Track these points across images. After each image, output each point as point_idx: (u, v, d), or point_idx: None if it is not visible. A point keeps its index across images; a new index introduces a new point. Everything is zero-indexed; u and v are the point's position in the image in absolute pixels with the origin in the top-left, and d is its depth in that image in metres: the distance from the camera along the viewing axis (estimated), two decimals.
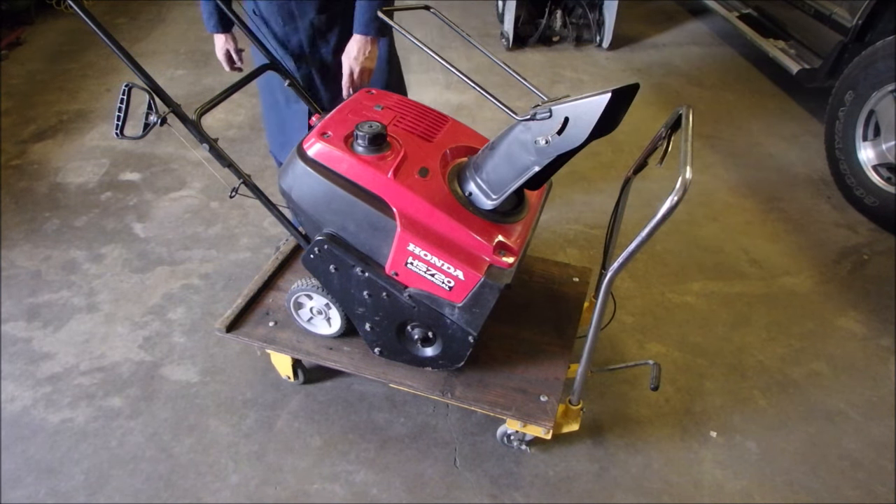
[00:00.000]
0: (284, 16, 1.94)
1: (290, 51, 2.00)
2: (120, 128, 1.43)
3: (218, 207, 2.82)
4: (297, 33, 1.97)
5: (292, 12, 1.93)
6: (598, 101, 1.25)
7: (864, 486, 1.81)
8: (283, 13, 1.93)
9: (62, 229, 2.67)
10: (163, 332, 2.22)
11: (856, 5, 2.94)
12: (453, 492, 1.76)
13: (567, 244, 2.65)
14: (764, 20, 3.79)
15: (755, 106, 3.78)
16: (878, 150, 2.79)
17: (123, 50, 1.42)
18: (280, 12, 1.93)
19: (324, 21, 1.95)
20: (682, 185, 1.21)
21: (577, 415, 1.71)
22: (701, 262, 2.59)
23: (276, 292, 1.98)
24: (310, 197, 1.54)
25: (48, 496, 1.73)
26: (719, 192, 3.01)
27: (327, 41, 2.00)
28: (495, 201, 1.50)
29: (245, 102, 3.59)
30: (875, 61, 2.75)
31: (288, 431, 1.91)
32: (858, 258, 2.64)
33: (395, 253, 1.50)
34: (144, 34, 4.48)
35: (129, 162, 3.10)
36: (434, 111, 1.73)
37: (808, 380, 2.12)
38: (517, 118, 1.36)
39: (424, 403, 1.98)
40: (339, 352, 1.81)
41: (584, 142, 1.31)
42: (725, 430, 1.95)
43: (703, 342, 2.24)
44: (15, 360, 2.11)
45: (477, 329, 1.55)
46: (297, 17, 1.94)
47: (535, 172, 1.41)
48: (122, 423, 1.92)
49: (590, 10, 4.37)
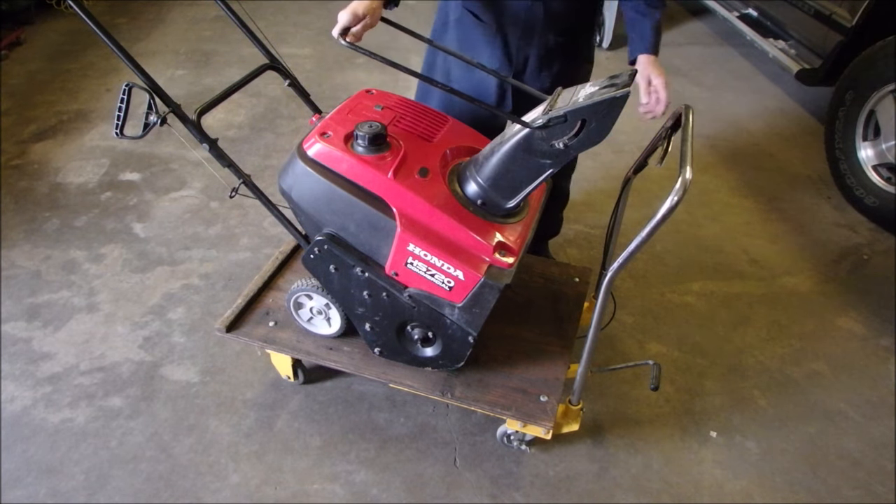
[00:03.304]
0: (523, 27, 1.78)
1: (513, 65, 1.84)
2: (120, 127, 1.42)
3: (218, 207, 2.82)
4: (531, 48, 1.82)
5: (533, 26, 1.77)
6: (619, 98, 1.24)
7: (864, 486, 1.81)
8: (521, 24, 1.78)
9: (62, 229, 2.67)
10: (163, 332, 2.22)
11: (856, 5, 2.94)
12: (453, 492, 1.76)
13: (567, 244, 2.65)
14: (764, 20, 3.79)
15: (755, 106, 3.78)
16: (878, 150, 2.79)
17: (123, 50, 1.41)
18: (518, 22, 1.78)
19: (560, 44, 1.82)
20: (683, 185, 1.21)
21: (577, 415, 1.71)
22: (701, 262, 2.59)
23: (276, 292, 1.98)
24: (310, 197, 1.54)
25: (48, 496, 1.73)
26: (719, 192, 3.01)
27: (551, 67, 1.86)
28: (511, 204, 1.49)
29: (245, 102, 3.59)
30: (875, 61, 2.75)
31: (288, 431, 1.91)
32: (858, 258, 2.64)
33: (395, 253, 1.50)
34: (144, 34, 4.48)
35: (129, 162, 3.10)
36: (434, 111, 1.73)
37: (808, 380, 2.12)
38: (532, 126, 1.35)
39: (424, 403, 1.98)
40: (339, 352, 1.81)
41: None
42: (725, 430, 1.95)
43: (703, 342, 2.24)
44: (15, 360, 2.11)
45: (477, 329, 1.55)
46: (535, 33, 1.79)
47: (552, 172, 1.41)
48: (122, 423, 1.92)
49: None
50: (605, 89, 1.27)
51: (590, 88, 1.33)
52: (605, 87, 1.29)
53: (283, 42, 4.34)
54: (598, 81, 1.34)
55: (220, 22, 4.61)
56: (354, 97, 1.70)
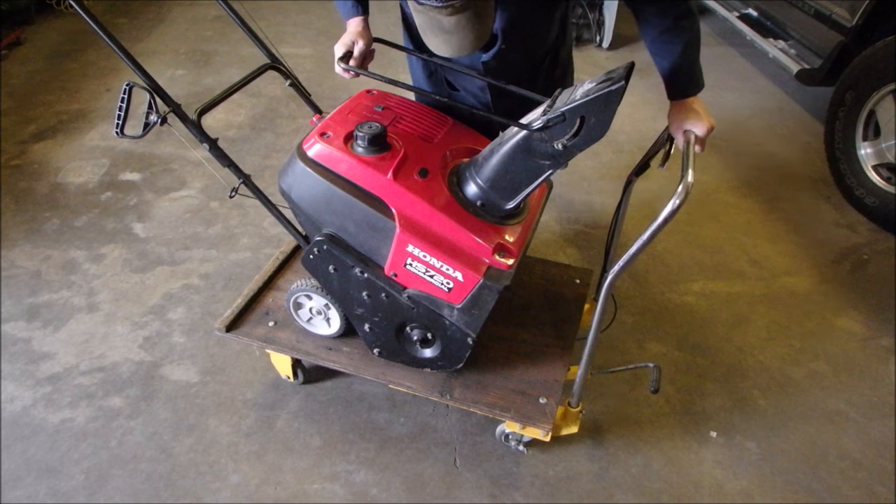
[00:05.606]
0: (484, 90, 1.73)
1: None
2: (120, 127, 1.42)
3: (218, 207, 2.82)
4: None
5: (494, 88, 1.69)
6: (615, 92, 1.24)
7: (864, 486, 1.81)
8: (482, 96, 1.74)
9: (62, 229, 2.67)
10: (163, 332, 2.22)
11: (856, 5, 2.94)
12: (453, 492, 1.76)
13: (567, 244, 2.65)
14: (764, 20, 3.79)
15: (755, 106, 3.78)
16: (877, 150, 2.79)
17: (124, 49, 1.41)
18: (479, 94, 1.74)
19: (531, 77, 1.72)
20: (684, 188, 1.21)
21: (576, 417, 1.71)
22: (701, 262, 2.59)
23: (276, 292, 1.98)
24: (309, 197, 1.54)
25: (48, 496, 1.73)
26: (719, 192, 3.01)
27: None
28: (511, 205, 1.49)
29: (245, 102, 3.59)
30: (875, 61, 2.75)
31: (288, 431, 1.91)
32: (858, 258, 2.64)
33: (394, 254, 1.49)
34: (144, 34, 4.48)
35: (129, 162, 3.10)
36: (435, 112, 1.73)
37: (808, 380, 2.12)
38: (531, 129, 1.34)
39: (424, 403, 1.98)
40: (339, 352, 1.81)
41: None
42: (725, 430, 1.95)
43: (703, 342, 2.24)
44: (15, 360, 2.11)
45: (476, 330, 1.55)
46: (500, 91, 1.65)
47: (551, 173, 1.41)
48: (122, 423, 1.92)
49: (590, 10, 4.36)
50: (602, 84, 1.27)
51: (587, 86, 1.32)
52: (601, 82, 1.29)
53: (283, 42, 4.34)
54: (595, 78, 1.34)
55: (220, 22, 4.60)
56: (355, 97, 1.70)
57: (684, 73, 1.47)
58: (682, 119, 1.47)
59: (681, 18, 1.42)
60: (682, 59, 1.45)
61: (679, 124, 1.47)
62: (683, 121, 1.47)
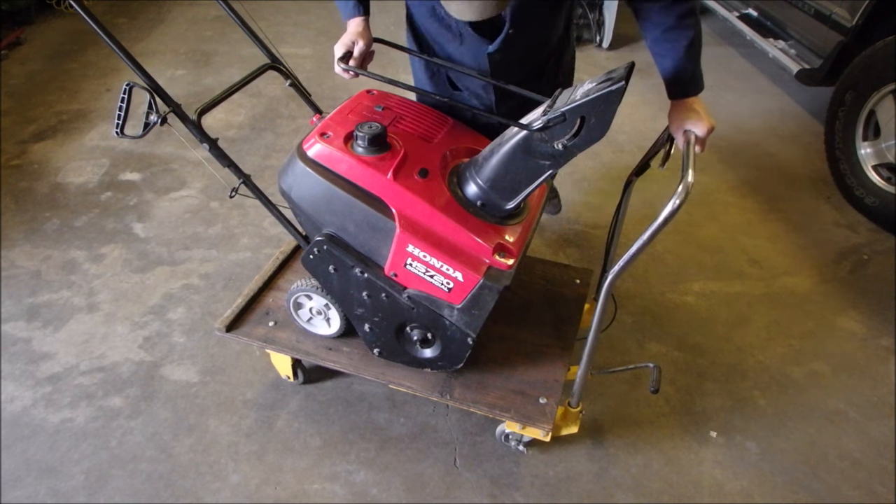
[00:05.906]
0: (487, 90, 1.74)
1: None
2: (120, 127, 1.43)
3: (218, 207, 2.82)
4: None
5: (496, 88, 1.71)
6: (615, 92, 1.24)
7: (864, 486, 1.81)
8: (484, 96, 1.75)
9: (62, 229, 2.67)
10: (163, 332, 2.22)
11: (856, 5, 2.94)
12: (453, 492, 1.76)
13: (567, 244, 2.65)
14: (764, 20, 3.79)
15: (755, 106, 3.78)
16: (877, 150, 2.79)
17: (124, 50, 1.41)
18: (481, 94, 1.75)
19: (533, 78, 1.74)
20: (685, 188, 1.21)
21: (576, 417, 1.71)
22: (701, 262, 2.59)
23: (276, 292, 1.98)
24: (309, 197, 1.54)
25: (48, 496, 1.73)
26: (719, 192, 3.01)
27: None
28: (510, 206, 1.49)
29: (245, 102, 3.59)
30: (875, 61, 2.75)
31: (288, 431, 1.91)
32: (858, 258, 2.64)
33: (394, 254, 1.49)
34: (144, 34, 4.48)
35: (129, 162, 3.10)
36: (435, 112, 1.73)
37: (808, 380, 2.12)
38: (531, 129, 1.34)
39: (424, 403, 1.98)
40: (339, 352, 1.81)
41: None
42: (725, 430, 1.95)
43: (703, 342, 2.24)
44: (15, 360, 2.11)
45: (476, 330, 1.55)
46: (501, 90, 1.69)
47: (551, 173, 1.41)
48: (122, 423, 1.92)
49: (590, 10, 4.36)
50: (602, 84, 1.27)
51: (587, 86, 1.32)
52: (601, 82, 1.29)
53: (283, 42, 4.34)
54: (595, 78, 1.34)
55: (220, 22, 4.60)
56: (355, 97, 1.70)
57: (685, 73, 1.47)
58: (683, 119, 1.47)
59: (683, 17, 1.42)
60: (683, 58, 1.45)
61: (679, 124, 1.47)
62: (684, 121, 1.46)
